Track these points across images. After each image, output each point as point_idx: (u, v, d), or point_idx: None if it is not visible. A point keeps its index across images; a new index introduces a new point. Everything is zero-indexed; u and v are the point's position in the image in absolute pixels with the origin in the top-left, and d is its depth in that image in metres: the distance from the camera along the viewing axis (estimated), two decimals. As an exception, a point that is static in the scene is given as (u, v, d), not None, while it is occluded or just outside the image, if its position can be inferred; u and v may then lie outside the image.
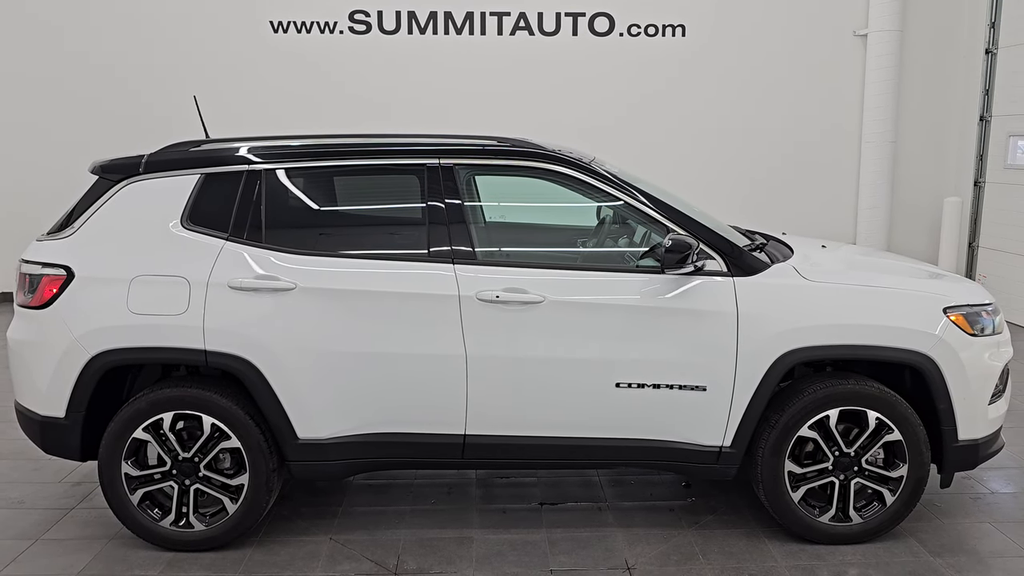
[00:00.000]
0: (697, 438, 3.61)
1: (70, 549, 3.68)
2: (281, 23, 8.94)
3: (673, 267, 3.50)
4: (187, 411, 3.54)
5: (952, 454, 3.66)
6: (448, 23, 8.99)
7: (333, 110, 8.97)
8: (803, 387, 3.62)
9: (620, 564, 3.57)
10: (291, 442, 3.57)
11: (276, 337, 3.48)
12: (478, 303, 3.51)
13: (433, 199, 3.65)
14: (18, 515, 4.02)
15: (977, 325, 3.67)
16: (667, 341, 3.54)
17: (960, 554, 3.66)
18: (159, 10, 8.87)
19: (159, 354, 3.54)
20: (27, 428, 3.73)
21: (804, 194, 9.29)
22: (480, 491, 4.32)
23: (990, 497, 4.26)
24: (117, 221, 3.61)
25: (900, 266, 4.33)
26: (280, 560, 3.59)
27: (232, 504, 3.60)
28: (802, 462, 3.66)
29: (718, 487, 4.32)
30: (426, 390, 3.56)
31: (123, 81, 8.94)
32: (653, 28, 9.06)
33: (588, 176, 3.70)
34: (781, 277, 3.64)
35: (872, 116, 8.99)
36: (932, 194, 9.31)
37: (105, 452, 3.56)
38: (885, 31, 8.80)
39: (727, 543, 3.75)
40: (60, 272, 3.54)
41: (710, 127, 9.20)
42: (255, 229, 3.60)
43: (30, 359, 3.61)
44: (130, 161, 3.68)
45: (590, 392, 3.57)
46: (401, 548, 3.70)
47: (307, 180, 3.79)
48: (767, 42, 9.10)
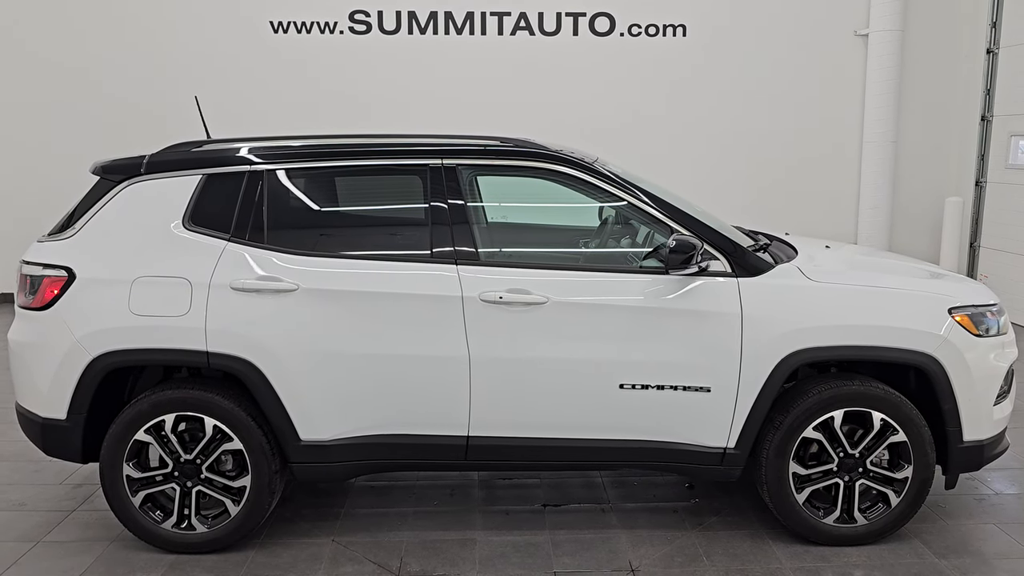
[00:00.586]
0: (701, 439, 3.60)
1: (71, 551, 3.66)
2: (281, 23, 8.93)
3: (677, 268, 3.49)
4: (189, 413, 3.53)
5: (957, 455, 3.65)
6: (448, 23, 8.99)
7: (333, 110, 8.97)
8: (808, 388, 3.60)
9: (624, 566, 3.55)
10: (293, 444, 3.55)
11: (278, 338, 3.47)
12: (481, 304, 3.49)
13: (436, 200, 3.64)
14: (19, 517, 4.00)
15: (982, 326, 3.65)
16: (671, 342, 3.52)
17: (965, 555, 3.65)
18: (158, 10, 8.86)
19: (161, 356, 3.53)
20: (28, 430, 3.71)
21: (805, 194, 9.28)
22: (483, 493, 4.31)
23: (995, 498, 4.25)
24: (118, 222, 3.59)
25: (904, 266, 4.31)
26: (282, 562, 3.58)
27: (234, 506, 3.58)
28: (807, 463, 3.64)
29: (722, 489, 4.31)
30: (429, 391, 3.55)
31: (124, 82, 8.92)
32: (654, 28, 9.05)
33: (591, 176, 3.69)
34: (785, 278, 3.62)
35: (873, 116, 8.98)
36: (933, 194, 9.30)
37: (107, 454, 3.54)
38: (886, 31, 8.80)
39: (731, 545, 3.74)
40: (61, 273, 3.53)
41: (710, 127, 9.19)
42: (257, 230, 3.58)
43: (31, 361, 3.59)
44: (132, 162, 3.66)
45: (593, 393, 3.56)
46: (404, 550, 3.69)
47: (309, 181, 3.78)
48: (768, 42, 9.09)
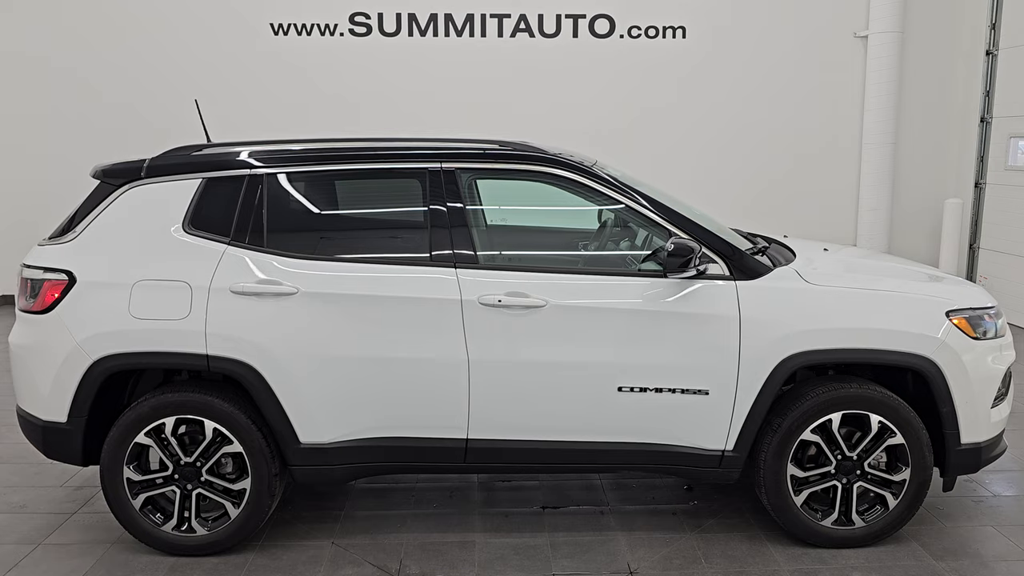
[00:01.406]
0: (699, 442, 3.61)
1: (72, 554, 3.68)
2: (282, 25, 8.94)
3: (675, 271, 3.50)
4: (189, 416, 3.54)
5: (955, 457, 3.66)
6: (448, 25, 9.00)
7: (333, 112, 8.98)
8: (806, 391, 3.61)
9: (622, 568, 3.56)
10: (293, 446, 3.57)
11: (278, 342, 3.48)
12: (480, 307, 3.50)
13: (435, 203, 3.65)
14: (20, 519, 4.01)
15: (980, 328, 3.66)
16: (669, 345, 3.53)
17: (963, 558, 3.66)
18: (158, 11, 8.87)
19: (161, 359, 3.54)
20: (29, 433, 3.72)
21: (804, 196, 9.29)
22: (482, 495, 4.32)
23: (993, 500, 4.26)
24: (119, 226, 3.60)
25: (902, 269, 4.31)
26: (282, 564, 3.59)
27: (234, 508, 3.60)
28: (805, 466, 3.65)
29: (720, 491, 4.32)
30: (428, 394, 3.56)
31: (124, 86, 8.94)
32: (654, 30, 9.06)
33: (589, 180, 3.69)
34: (783, 281, 3.63)
35: (872, 118, 8.99)
36: (933, 196, 9.31)
37: (107, 457, 3.55)
38: (886, 33, 8.81)
39: (729, 547, 3.75)
40: (62, 277, 3.54)
41: (710, 129, 9.20)
42: (257, 233, 3.59)
43: (32, 364, 3.60)
44: (132, 165, 3.67)
45: (592, 396, 3.57)
46: (403, 552, 3.70)
47: (308, 184, 3.79)
48: (767, 44, 9.10)
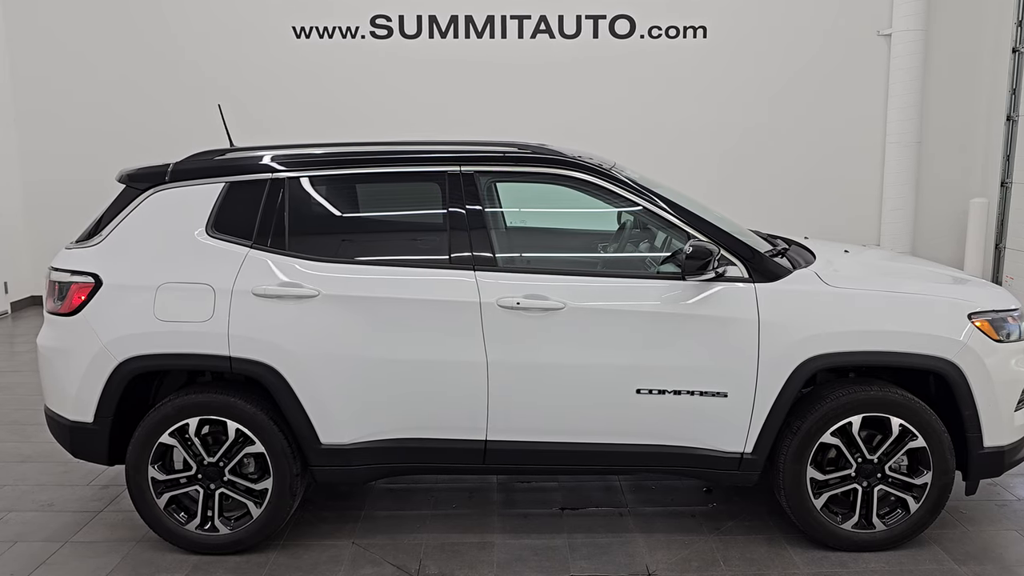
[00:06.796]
0: (718, 444, 3.60)
1: (99, 551, 3.74)
2: (304, 28, 9.03)
3: (694, 273, 3.49)
4: (212, 416, 3.59)
5: (977, 461, 3.62)
6: (469, 26, 9.03)
7: (354, 114, 9.05)
8: (825, 393, 3.60)
9: (641, 570, 3.57)
10: (314, 447, 3.61)
11: (299, 343, 3.52)
12: (499, 310, 3.52)
13: (454, 206, 3.67)
14: (48, 517, 4.09)
15: (1003, 331, 3.63)
16: (688, 347, 3.53)
17: (986, 562, 3.63)
18: (182, 15, 8.98)
19: (185, 360, 3.59)
20: (56, 432, 3.80)
21: (827, 196, 9.22)
22: (501, 496, 4.34)
23: (1016, 504, 4.21)
24: (144, 229, 3.66)
25: (924, 271, 4.28)
26: (303, 564, 3.63)
27: (256, 508, 3.64)
28: (824, 469, 3.64)
29: (739, 493, 4.30)
30: (447, 396, 3.58)
31: (148, 90, 9.07)
32: (674, 30, 9.04)
33: (608, 182, 3.70)
34: (803, 283, 3.61)
35: (896, 117, 8.90)
36: (958, 195, 9.20)
37: (132, 457, 3.61)
38: (909, 31, 8.73)
39: (748, 550, 3.74)
40: (88, 280, 3.60)
41: (731, 129, 9.16)
42: (279, 236, 3.64)
43: (59, 365, 3.67)
44: (156, 170, 3.73)
45: (611, 398, 3.58)
46: (423, 552, 3.73)
47: (329, 187, 3.83)
48: (789, 43, 9.04)
